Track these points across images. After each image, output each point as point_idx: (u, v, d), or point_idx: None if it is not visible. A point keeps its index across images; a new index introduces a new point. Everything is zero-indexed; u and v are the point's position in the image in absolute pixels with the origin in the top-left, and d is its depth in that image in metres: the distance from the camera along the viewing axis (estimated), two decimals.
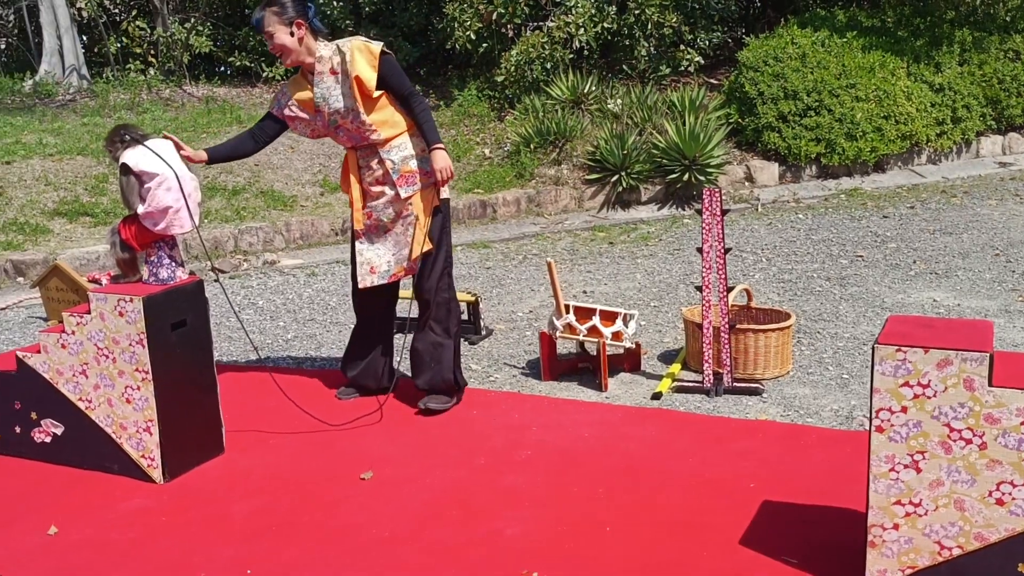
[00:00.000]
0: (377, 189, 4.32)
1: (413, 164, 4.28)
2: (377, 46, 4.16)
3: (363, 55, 4.13)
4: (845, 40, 9.44)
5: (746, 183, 8.86)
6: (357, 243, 4.39)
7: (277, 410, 4.48)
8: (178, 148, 4.02)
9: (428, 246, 4.31)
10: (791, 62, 9.11)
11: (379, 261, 4.39)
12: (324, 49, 4.20)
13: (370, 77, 4.13)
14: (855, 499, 3.34)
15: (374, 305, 4.53)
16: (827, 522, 3.29)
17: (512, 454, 3.94)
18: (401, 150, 4.27)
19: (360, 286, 4.40)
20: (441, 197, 4.31)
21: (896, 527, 2.79)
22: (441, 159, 4.18)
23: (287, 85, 4.35)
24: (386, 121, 4.23)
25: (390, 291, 4.54)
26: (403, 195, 4.27)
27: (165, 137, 4.03)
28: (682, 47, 10.21)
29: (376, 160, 4.29)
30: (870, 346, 4.84)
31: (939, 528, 2.74)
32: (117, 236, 3.90)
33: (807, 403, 4.32)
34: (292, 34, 4.13)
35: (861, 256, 6.70)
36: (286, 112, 4.33)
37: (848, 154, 8.90)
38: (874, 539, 2.82)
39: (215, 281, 4.08)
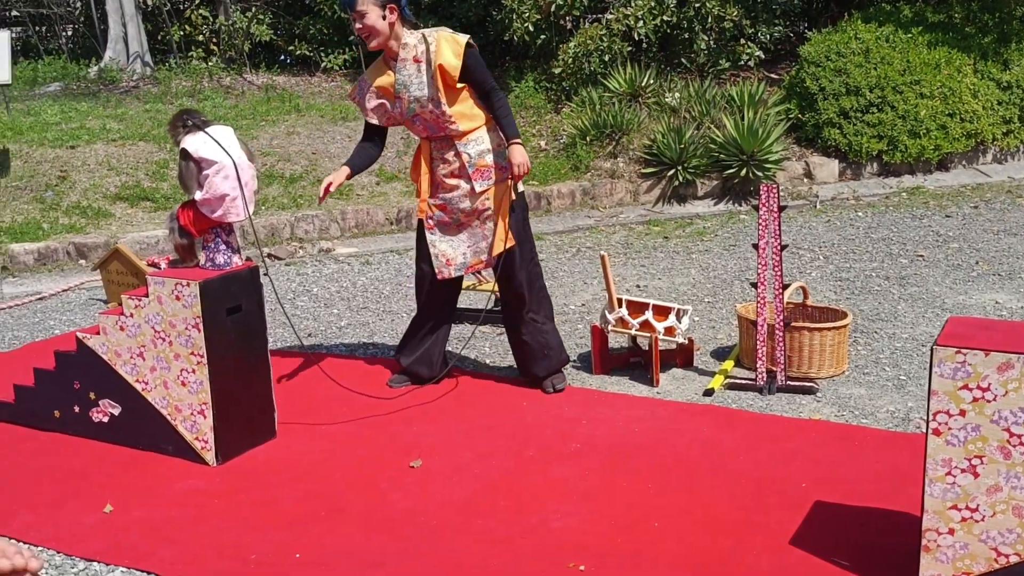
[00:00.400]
0: (452, 182, 4.32)
1: (489, 158, 4.29)
2: (463, 38, 4.18)
3: (449, 45, 4.15)
4: (910, 35, 9.27)
5: (805, 180, 8.75)
6: (428, 234, 4.40)
7: (329, 396, 4.51)
8: (327, 189, 4.24)
9: (511, 242, 4.33)
10: (854, 57, 8.97)
11: (454, 253, 4.40)
12: (409, 37, 4.22)
13: (454, 67, 4.14)
14: (909, 502, 3.28)
15: (439, 296, 4.54)
16: (880, 525, 3.24)
17: (562, 447, 3.93)
18: (478, 144, 4.28)
19: (438, 278, 4.42)
20: (517, 191, 4.32)
21: (951, 532, 2.74)
22: (519, 154, 4.19)
23: (367, 72, 4.36)
24: (465, 114, 4.24)
25: (455, 282, 4.55)
26: (478, 189, 4.28)
27: (324, 195, 4.26)
28: (742, 41, 10.10)
29: (452, 152, 4.29)
30: (929, 347, 4.75)
31: (996, 534, 2.68)
32: (176, 222, 3.95)
33: (862, 404, 4.26)
34: (384, 17, 4.14)
35: (922, 256, 6.58)
36: (367, 101, 4.33)
37: (911, 152, 8.74)
38: (928, 543, 2.77)
39: (265, 274, 4.12)
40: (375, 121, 4.38)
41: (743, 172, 8.24)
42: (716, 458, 3.78)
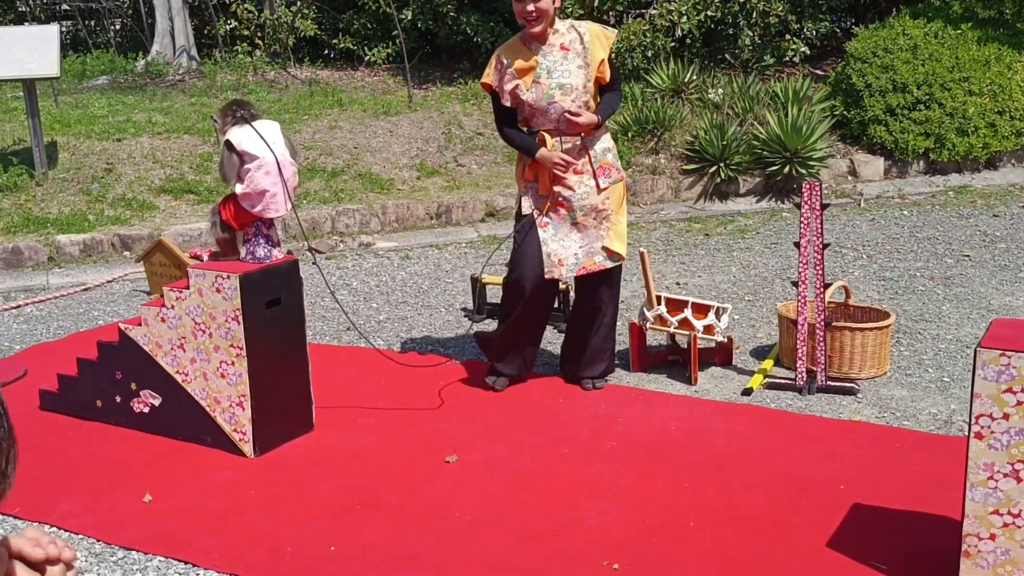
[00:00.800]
0: (575, 179, 4.24)
1: (611, 157, 4.30)
2: (612, 33, 4.24)
3: (602, 40, 4.20)
4: (960, 32, 9.11)
5: (849, 177, 8.64)
6: (540, 233, 4.28)
7: (366, 390, 4.53)
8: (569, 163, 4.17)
9: (625, 252, 4.37)
10: (901, 53, 8.84)
11: (566, 253, 4.30)
12: (560, 24, 4.22)
13: (606, 62, 4.19)
14: (950, 506, 3.23)
15: (541, 300, 4.40)
16: (919, 529, 3.19)
17: (597, 444, 3.92)
18: (603, 141, 4.29)
19: (546, 277, 4.30)
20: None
21: (992, 537, 2.69)
22: (588, 118, 4.19)
23: (502, 53, 4.26)
24: (594, 109, 4.23)
25: (555, 285, 4.47)
26: (603, 185, 4.25)
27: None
28: (787, 37, 10.00)
29: (578, 148, 4.25)
30: (973, 349, 4.67)
31: None
32: (217, 216, 3.99)
33: (904, 405, 4.20)
34: (555, 1, 4.14)
35: (968, 256, 6.48)
36: (504, 83, 4.22)
37: (959, 150, 8.60)
38: (968, 549, 2.72)
39: (313, 263, 4.13)
40: (509, 103, 4.27)
41: (786, 169, 8.16)
42: (753, 458, 3.74)
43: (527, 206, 4.34)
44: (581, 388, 4.46)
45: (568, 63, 4.16)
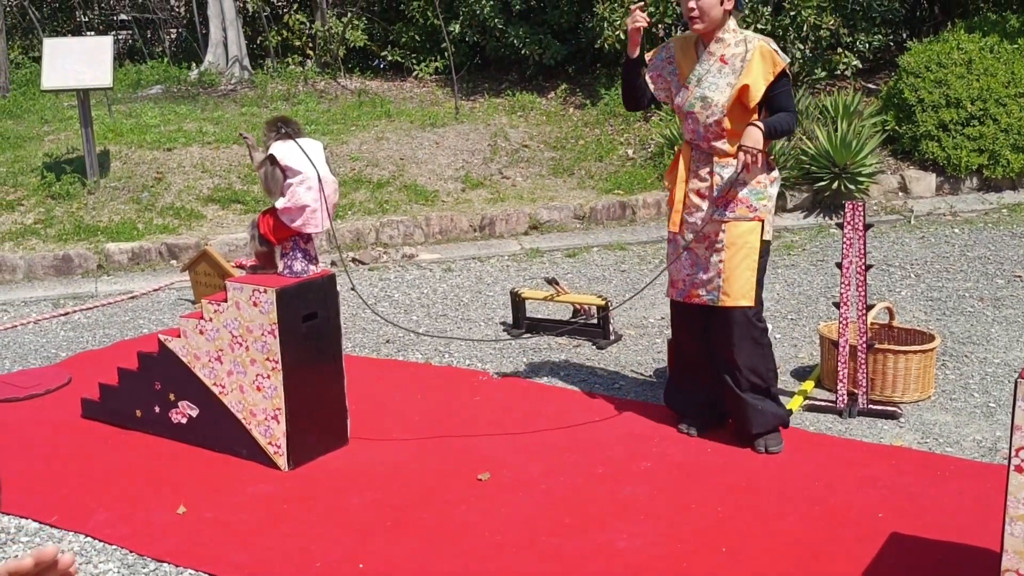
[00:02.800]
0: (696, 201, 3.95)
1: (742, 192, 3.87)
2: (781, 62, 3.82)
3: (764, 64, 3.80)
4: (1016, 46, 8.93)
5: (899, 194, 8.50)
6: (669, 249, 4.12)
7: (402, 405, 4.54)
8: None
9: (747, 301, 3.88)
10: (955, 68, 8.68)
11: (677, 276, 4.06)
12: (730, 34, 3.89)
13: (758, 91, 3.81)
14: (991, 538, 3.14)
15: (683, 324, 4.11)
16: (958, 560, 3.12)
17: (632, 465, 3.88)
18: (734, 171, 3.86)
19: (666, 295, 4.17)
20: (763, 238, 3.89)
21: None
22: (753, 136, 3.74)
23: (675, 42, 4.02)
24: (739, 134, 3.83)
25: (697, 308, 4.02)
26: (716, 216, 3.89)
27: None
28: (839, 50, 9.87)
29: (707, 169, 3.93)
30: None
31: None
32: (256, 230, 4.02)
33: (948, 431, 4.10)
34: (721, 3, 3.81)
35: (1020, 276, 6.33)
36: (659, 65, 4.00)
37: (1013, 167, 8.42)
38: None
39: (350, 287, 4.12)
40: (651, 84, 4.03)
41: (835, 185, 8.04)
42: (790, 483, 3.68)
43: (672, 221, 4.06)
44: (753, 450, 3.96)
45: (719, 77, 3.85)
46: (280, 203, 3.91)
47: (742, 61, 3.83)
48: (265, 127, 4.05)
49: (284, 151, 3.90)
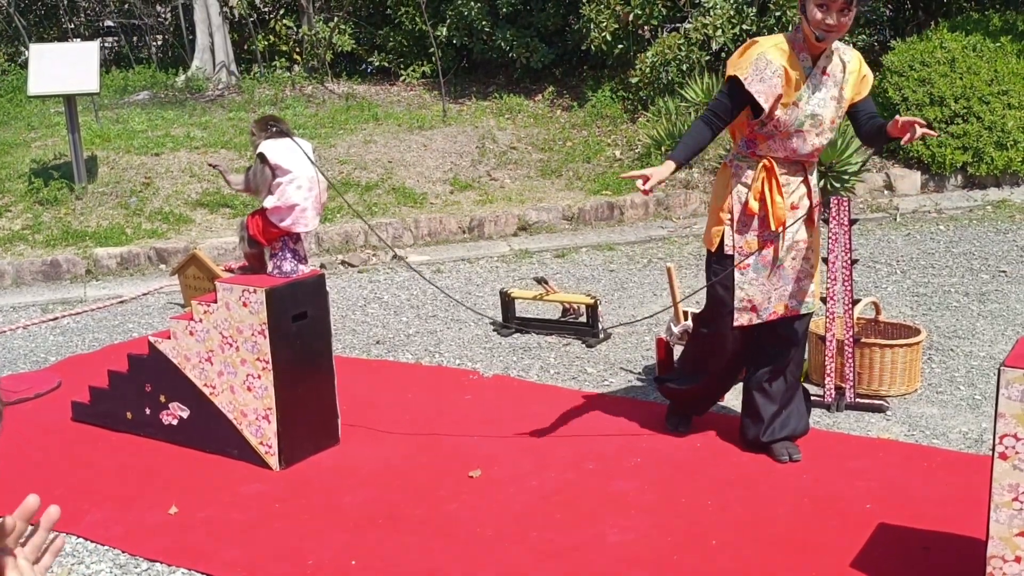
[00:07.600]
0: (789, 214, 3.78)
1: (818, 194, 3.88)
2: (870, 75, 3.75)
3: (860, 80, 3.71)
4: (999, 45, 9.01)
5: (885, 192, 8.56)
6: (738, 274, 3.75)
7: (393, 404, 4.55)
8: (646, 178, 3.62)
9: (818, 298, 3.93)
10: (939, 67, 8.75)
11: (761, 298, 3.79)
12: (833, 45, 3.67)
13: (853, 103, 3.72)
14: (978, 527, 3.17)
15: (740, 350, 3.91)
16: (945, 550, 3.15)
17: (622, 460, 3.90)
18: (816, 174, 3.85)
19: (735, 324, 3.79)
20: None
21: (1018, 560, 2.65)
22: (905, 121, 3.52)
23: (768, 50, 3.60)
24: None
25: (752, 329, 3.88)
26: (816, 219, 3.83)
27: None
28: None
29: (801, 179, 3.78)
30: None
31: None
32: (245, 231, 4.03)
33: (934, 423, 4.14)
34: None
35: (1005, 272, 6.38)
36: (766, 79, 3.57)
37: (997, 164, 8.49)
38: (993, 571, 2.68)
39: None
40: (764, 102, 3.59)
41: (821, 184, 8.09)
42: (779, 476, 3.71)
43: (731, 243, 3.78)
44: (774, 459, 3.85)
45: (824, 91, 3.64)
46: (269, 202, 3.92)
47: (842, 73, 3.66)
48: (254, 125, 4.06)
49: (274, 149, 3.91)
